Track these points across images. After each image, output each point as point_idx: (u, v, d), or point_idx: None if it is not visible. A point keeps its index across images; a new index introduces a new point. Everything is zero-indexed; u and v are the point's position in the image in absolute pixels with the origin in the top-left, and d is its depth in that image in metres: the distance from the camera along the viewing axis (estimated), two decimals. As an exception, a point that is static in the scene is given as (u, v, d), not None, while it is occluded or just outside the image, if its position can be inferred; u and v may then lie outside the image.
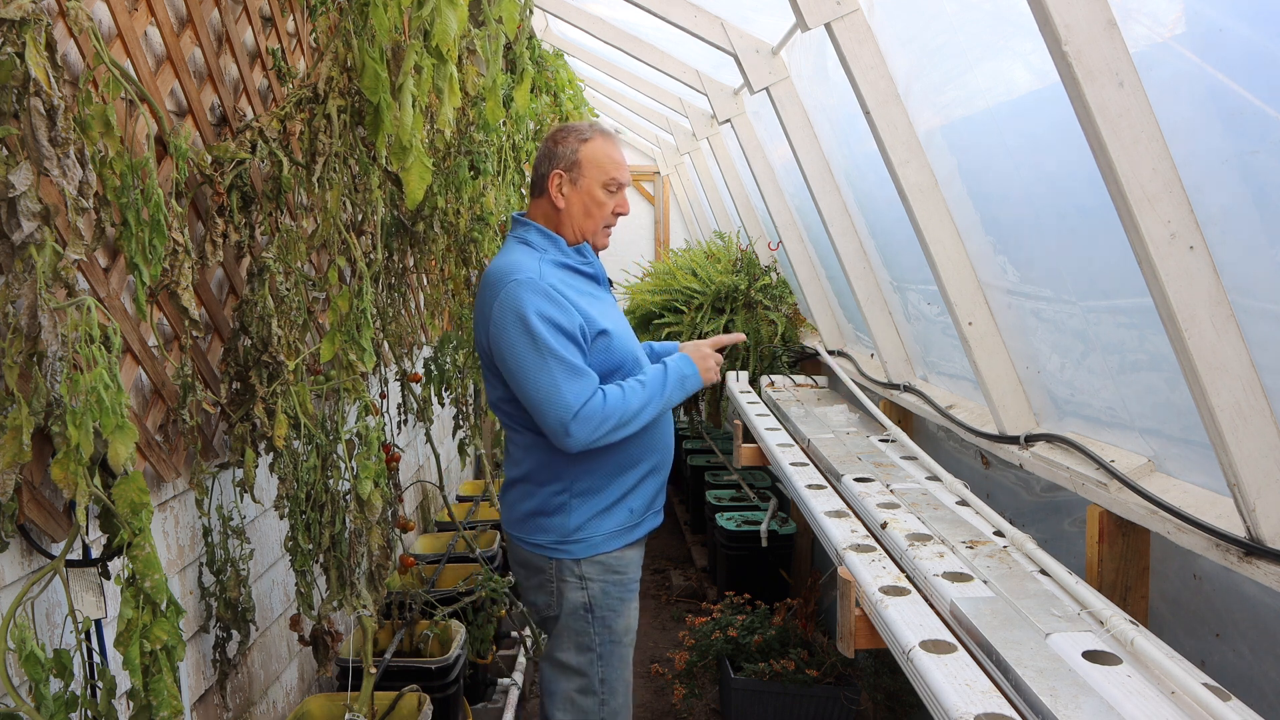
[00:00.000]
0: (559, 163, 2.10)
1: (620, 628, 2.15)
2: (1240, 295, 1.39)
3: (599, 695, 2.14)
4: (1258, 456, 1.41)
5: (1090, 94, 1.36)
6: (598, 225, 2.14)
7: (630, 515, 2.14)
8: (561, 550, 2.09)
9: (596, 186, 2.10)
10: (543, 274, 2.01)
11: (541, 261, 2.05)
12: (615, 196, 2.14)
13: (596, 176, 2.10)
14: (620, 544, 2.13)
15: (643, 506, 2.17)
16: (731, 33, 3.16)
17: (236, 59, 2.16)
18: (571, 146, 2.10)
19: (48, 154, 1.28)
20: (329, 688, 2.82)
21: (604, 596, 2.11)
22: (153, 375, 1.88)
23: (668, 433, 2.23)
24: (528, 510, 2.13)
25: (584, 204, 2.11)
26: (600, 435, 1.98)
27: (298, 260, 2.05)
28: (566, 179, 2.10)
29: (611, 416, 1.97)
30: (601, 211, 2.13)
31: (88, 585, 1.56)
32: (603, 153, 2.10)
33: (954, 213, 2.28)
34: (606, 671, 2.14)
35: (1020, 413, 2.25)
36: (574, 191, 2.11)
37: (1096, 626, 1.54)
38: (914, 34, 2.21)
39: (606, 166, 2.10)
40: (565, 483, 2.09)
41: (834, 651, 3.16)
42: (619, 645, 2.15)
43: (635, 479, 2.14)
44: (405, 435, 3.97)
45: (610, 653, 2.14)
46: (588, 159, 2.10)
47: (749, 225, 4.88)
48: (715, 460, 5.54)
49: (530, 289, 1.98)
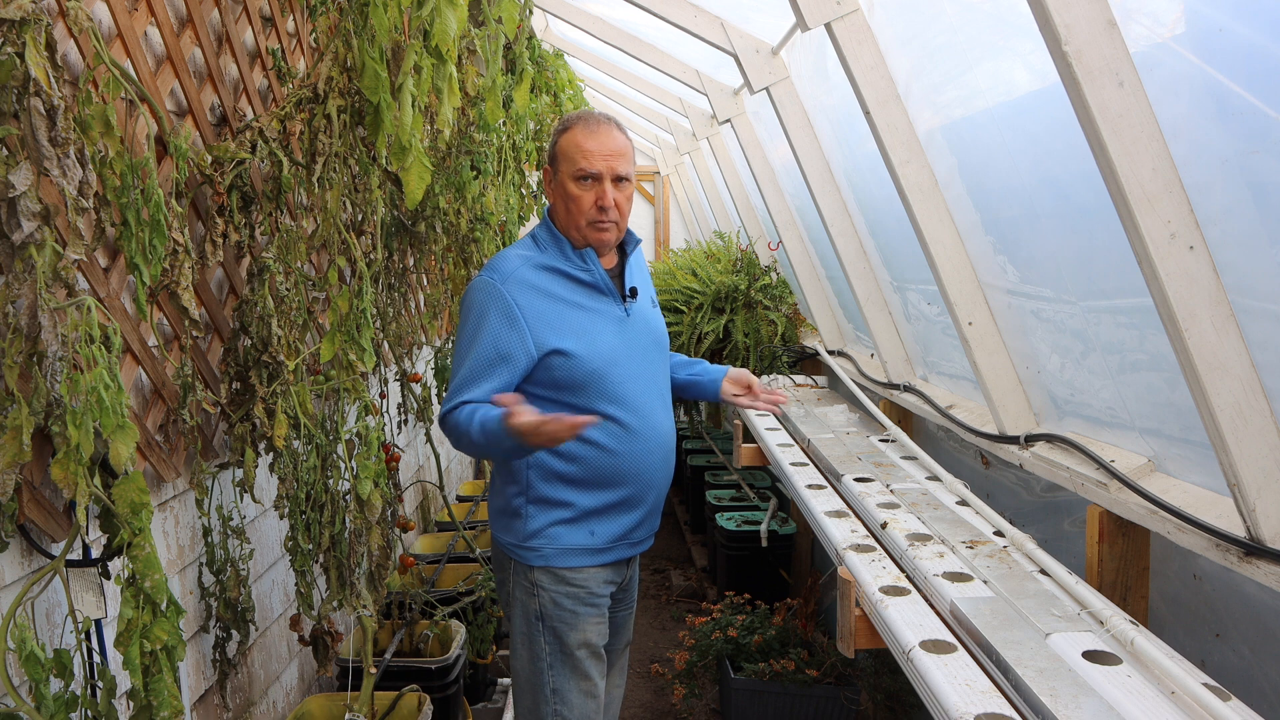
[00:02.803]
0: (547, 158, 2.02)
1: (572, 641, 2.01)
2: (1240, 295, 1.39)
3: (551, 704, 2.02)
4: (1258, 456, 1.41)
5: (1090, 94, 1.37)
6: (580, 221, 1.95)
7: (591, 537, 2.01)
8: (517, 553, 2.03)
9: (568, 180, 1.94)
10: (510, 277, 1.93)
11: (526, 263, 1.97)
12: (592, 188, 1.93)
13: (566, 169, 1.94)
14: (577, 562, 2.00)
15: (610, 535, 2.03)
16: (731, 33, 3.16)
17: (236, 59, 2.16)
18: (555, 139, 1.99)
19: (48, 154, 1.28)
20: (329, 688, 2.82)
21: (555, 608, 1.99)
22: (153, 375, 1.88)
23: (649, 468, 2.02)
24: (498, 506, 2.08)
25: (562, 199, 1.97)
26: (452, 438, 1.95)
27: (298, 260, 2.05)
28: (551, 174, 2.00)
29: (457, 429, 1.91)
30: (578, 206, 1.94)
31: (88, 585, 1.56)
32: (572, 143, 1.94)
33: (954, 213, 2.28)
34: (558, 681, 2.02)
35: (1020, 413, 2.25)
36: (552, 187, 2.00)
37: (1096, 626, 1.54)
38: (914, 34, 2.21)
39: (574, 157, 1.92)
40: (520, 487, 2.01)
41: (834, 651, 3.16)
42: (569, 657, 2.01)
43: (599, 503, 2.00)
44: (405, 435, 3.97)
45: (559, 662, 2.01)
46: (561, 151, 1.96)
47: (749, 225, 4.88)
48: (715, 460, 5.54)
49: (484, 291, 1.94)
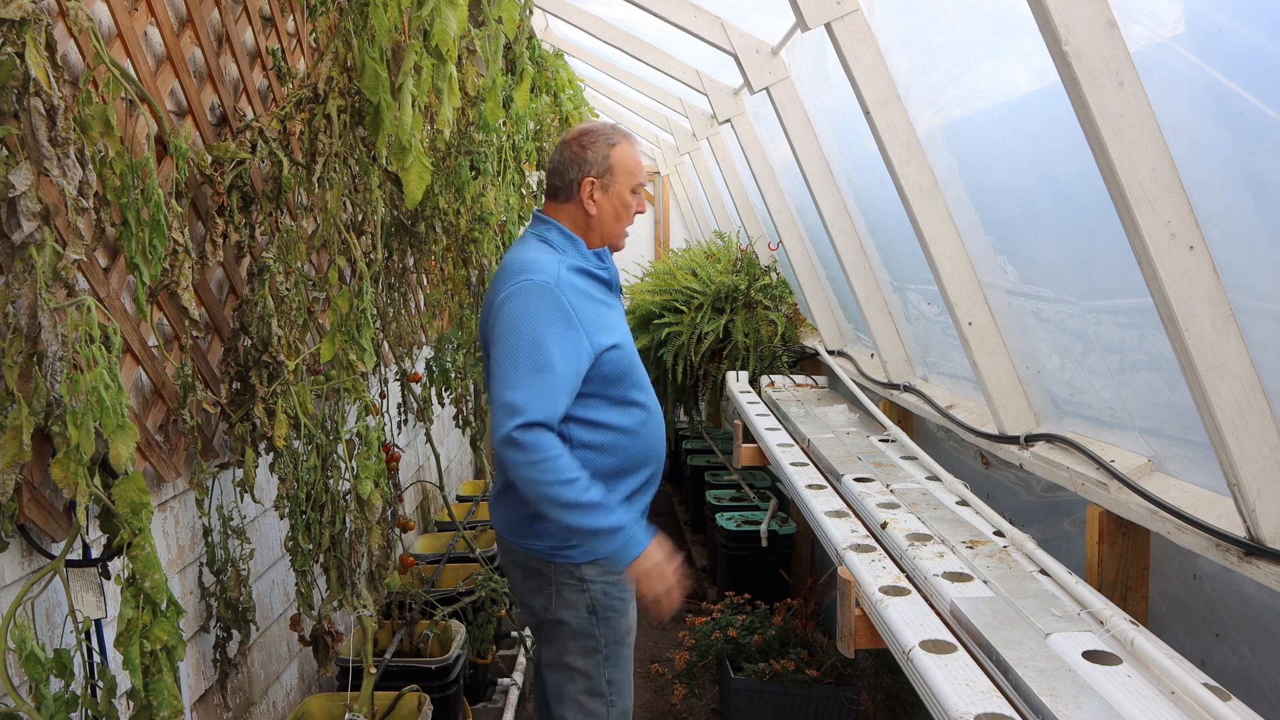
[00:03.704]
0: (590, 169, 2.10)
1: (623, 628, 2.16)
2: (1240, 295, 1.39)
3: (606, 697, 2.14)
4: (1258, 456, 1.41)
5: (1090, 94, 1.37)
6: (624, 228, 2.18)
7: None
8: (561, 554, 2.08)
9: (626, 191, 2.13)
10: (560, 280, 1.99)
11: (561, 265, 2.03)
12: (637, 197, 2.18)
13: (626, 182, 2.13)
14: None
15: (637, 516, 2.14)
16: (731, 33, 3.16)
17: (236, 59, 2.16)
18: (602, 152, 2.11)
19: (48, 154, 1.28)
20: (329, 688, 2.82)
21: (605, 597, 2.11)
22: (153, 375, 1.88)
23: (662, 441, 2.22)
24: (523, 515, 2.09)
25: (614, 209, 2.14)
26: (524, 464, 1.88)
27: (298, 260, 2.05)
28: (599, 185, 2.11)
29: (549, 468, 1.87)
30: (629, 215, 2.17)
31: (88, 585, 1.56)
32: (630, 157, 2.14)
33: (954, 213, 2.28)
34: (613, 673, 2.14)
35: (1020, 413, 2.25)
36: (605, 197, 2.12)
37: (1096, 626, 1.54)
38: (914, 34, 2.21)
39: (635, 171, 2.14)
40: None
41: (834, 651, 3.16)
42: (622, 646, 2.16)
43: (631, 488, 2.12)
44: (405, 435, 3.97)
45: (615, 654, 2.14)
46: (619, 165, 2.12)
47: (749, 225, 4.87)
48: (715, 460, 5.54)
49: (545, 295, 1.95)
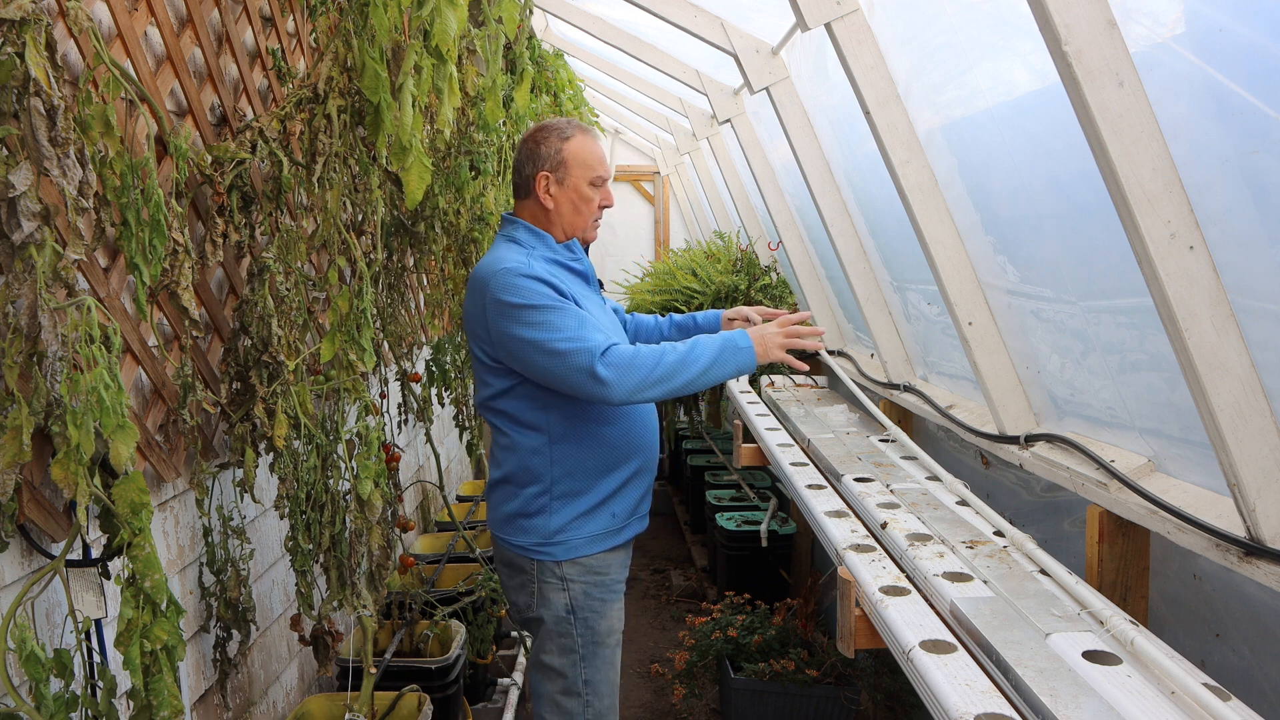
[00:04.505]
0: (544, 163, 2.13)
1: (602, 629, 2.15)
2: (1240, 295, 1.39)
3: (582, 697, 2.13)
4: (1258, 456, 1.41)
5: (1090, 94, 1.36)
6: (587, 221, 2.18)
7: (613, 519, 2.13)
8: (543, 552, 2.09)
9: (583, 184, 2.14)
10: (531, 265, 2.03)
11: (530, 256, 2.08)
12: (600, 191, 2.18)
13: (582, 175, 2.14)
14: (602, 547, 2.13)
15: (626, 511, 2.16)
16: (731, 33, 3.16)
17: (236, 59, 2.16)
18: (555, 146, 2.13)
19: (48, 154, 1.28)
20: (329, 688, 2.82)
21: (585, 598, 2.11)
22: (153, 375, 1.88)
23: (652, 432, 2.22)
24: (510, 511, 2.12)
25: (572, 202, 2.15)
26: (634, 383, 1.90)
27: (298, 260, 2.05)
28: (553, 179, 2.13)
29: (641, 365, 1.91)
30: (589, 207, 2.17)
31: (88, 585, 1.56)
32: (586, 150, 2.14)
33: (954, 213, 2.28)
34: (590, 673, 2.13)
35: (1020, 413, 2.25)
36: (561, 191, 2.14)
37: (1096, 626, 1.54)
38: (914, 34, 2.21)
39: (591, 164, 2.14)
40: (545, 484, 2.08)
41: (834, 651, 3.16)
42: (601, 647, 2.15)
43: (618, 482, 2.13)
44: (405, 435, 3.97)
45: (593, 654, 2.14)
46: (573, 158, 2.13)
47: (749, 225, 4.87)
48: (715, 460, 5.54)
49: (522, 271, 2.00)
